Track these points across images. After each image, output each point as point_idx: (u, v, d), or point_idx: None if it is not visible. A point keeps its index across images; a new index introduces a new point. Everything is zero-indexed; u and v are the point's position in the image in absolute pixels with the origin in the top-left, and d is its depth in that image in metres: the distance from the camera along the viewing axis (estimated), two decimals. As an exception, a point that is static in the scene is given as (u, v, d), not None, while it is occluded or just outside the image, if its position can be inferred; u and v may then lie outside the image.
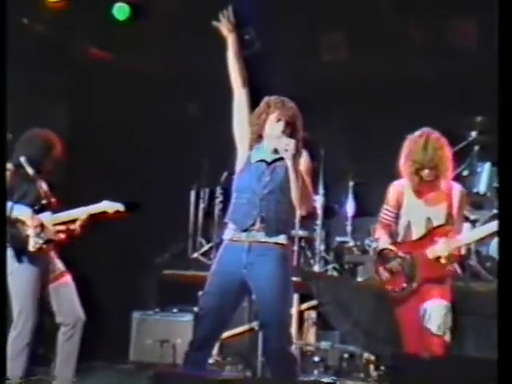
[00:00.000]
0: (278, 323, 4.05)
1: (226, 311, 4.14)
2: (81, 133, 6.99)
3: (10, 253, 4.68)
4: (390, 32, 7.16)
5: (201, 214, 7.46)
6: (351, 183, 7.25)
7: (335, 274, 6.81)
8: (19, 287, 4.69)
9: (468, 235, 4.71)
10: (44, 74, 6.81)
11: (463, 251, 4.62)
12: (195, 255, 7.21)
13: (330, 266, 6.89)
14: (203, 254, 7.17)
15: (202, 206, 7.46)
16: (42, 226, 4.71)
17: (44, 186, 4.88)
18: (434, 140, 4.49)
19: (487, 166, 6.51)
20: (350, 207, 7.21)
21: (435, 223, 4.48)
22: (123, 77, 7.23)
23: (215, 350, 6.06)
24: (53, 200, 4.88)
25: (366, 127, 7.54)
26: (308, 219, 6.78)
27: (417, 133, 4.60)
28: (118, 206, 4.86)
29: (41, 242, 4.71)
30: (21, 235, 4.69)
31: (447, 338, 4.31)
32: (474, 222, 6.15)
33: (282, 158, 4.12)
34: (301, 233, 6.82)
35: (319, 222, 6.99)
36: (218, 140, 5.54)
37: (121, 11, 7.06)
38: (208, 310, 4.11)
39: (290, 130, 4.14)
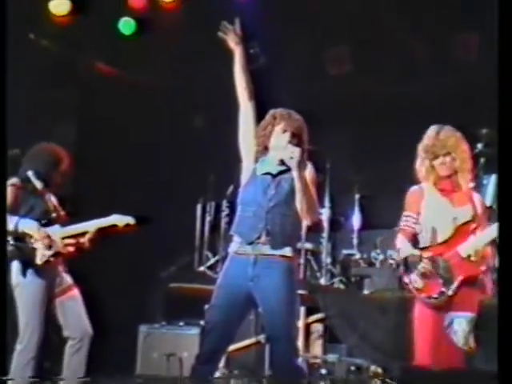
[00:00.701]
0: (284, 336, 4.04)
1: (232, 324, 4.13)
2: (86, 147, 7.02)
3: (16, 266, 4.68)
4: (393, 46, 7.20)
5: (207, 227, 7.46)
6: (357, 196, 7.24)
7: (342, 286, 6.79)
8: (26, 300, 4.68)
9: (495, 227, 4.30)
10: (49, 88, 6.85)
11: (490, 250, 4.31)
12: (201, 268, 7.20)
13: (336, 279, 6.87)
14: (209, 268, 7.17)
15: (208, 219, 7.46)
16: (49, 238, 4.70)
17: (53, 200, 4.90)
18: (447, 129, 4.47)
19: (493, 178, 6.50)
20: (356, 220, 7.20)
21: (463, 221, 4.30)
22: (129, 91, 7.27)
23: (222, 363, 6.06)
24: (62, 213, 4.90)
25: (371, 140, 7.54)
26: (314, 232, 6.82)
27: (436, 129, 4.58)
28: (129, 220, 4.85)
29: (48, 254, 4.70)
30: (28, 248, 4.68)
31: (469, 350, 4.18)
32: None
33: (287, 171, 4.13)
34: (307, 245, 6.83)
35: (325, 234, 6.99)
36: (223, 153, 5.55)
37: (126, 26, 7.12)
38: (214, 323, 4.11)
39: (296, 140, 4.15)
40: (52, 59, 6.92)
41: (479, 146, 6.66)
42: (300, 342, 5.92)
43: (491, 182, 6.49)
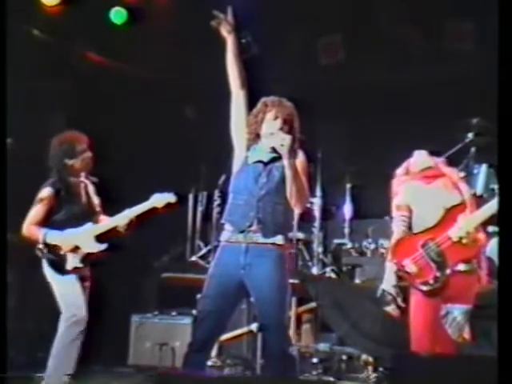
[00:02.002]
0: (276, 325, 4.06)
1: (224, 313, 4.14)
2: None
3: (47, 268, 4.80)
4: (386, 35, 7.20)
5: (199, 217, 7.47)
6: (348, 185, 7.27)
7: (333, 276, 6.82)
8: (66, 297, 4.79)
9: (485, 209, 4.33)
10: (41, 78, 6.82)
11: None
12: (194, 258, 7.21)
13: (328, 269, 6.90)
14: (202, 257, 7.18)
15: (200, 209, 7.48)
16: (76, 248, 4.81)
17: (89, 191, 4.96)
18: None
19: (484, 167, 6.52)
20: (347, 209, 7.23)
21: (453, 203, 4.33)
22: (120, 81, 7.25)
23: (214, 353, 6.08)
24: (97, 208, 4.97)
25: (362, 130, 7.57)
26: (305, 221, 6.84)
27: None
28: (170, 198, 4.90)
29: (77, 261, 4.82)
30: (58, 256, 4.80)
31: (463, 341, 4.22)
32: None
33: (278, 158, 4.13)
34: (299, 235, 6.85)
35: (317, 224, 7.01)
36: (215, 143, 5.55)
37: (118, 15, 7.08)
38: (207, 312, 4.12)
39: (288, 127, 4.16)
40: (42, 49, 6.89)
41: (470, 135, 6.69)
42: (292, 331, 5.96)
43: (482, 171, 6.52)
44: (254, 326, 5.72)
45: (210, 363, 5.79)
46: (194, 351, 4.11)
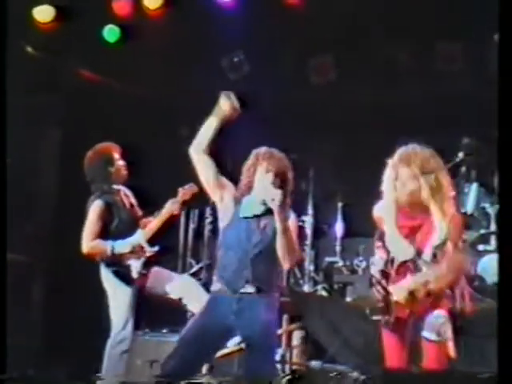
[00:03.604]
0: (264, 356, 4.13)
1: (198, 359, 4.25)
2: (70, 154, 7.00)
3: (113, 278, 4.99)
4: (376, 56, 7.26)
5: (191, 234, 7.47)
6: (340, 204, 7.29)
7: (325, 294, 6.83)
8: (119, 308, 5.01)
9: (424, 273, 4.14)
10: (33, 94, 6.84)
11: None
12: (185, 276, 7.20)
13: (319, 286, 6.91)
14: (193, 275, 7.17)
15: (191, 226, 7.48)
16: (142, 250, 4.98)
17: (129, 196, 5.11)
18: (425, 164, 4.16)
19: (474, 186, 6.57)
20: (338, 228, 7.25)
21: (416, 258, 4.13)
22: (113, 98, 7.27)
23: (204, 371, 6.06)
24: (139, 212, 5.12)
25: (354, 149, 7.60)
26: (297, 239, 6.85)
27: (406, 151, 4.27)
28: (194, 189, 5.08)
29: (139, 267, 4.99)
30: (124, 266, 4.97)
31: (446, 346, 4.09)
32: (461, 243, 6.20)
33: (271, 211, 4.09)
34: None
35: (308, 242, 7.03)
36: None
37: (111, 33, 7.11)
38: (180, 356, 4.15)
39: (280, 181, 4.15)
40: (36, 65, 6.91)
41: (460, 154, 6.74)
42: (282, 349, 5.95)
43: (472, 190, 6.56)
44: (244, 344, 5.70)
45: (200, 380, 5.76)
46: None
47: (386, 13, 6.92)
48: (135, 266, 4.96)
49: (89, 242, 4.90)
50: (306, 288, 6.85)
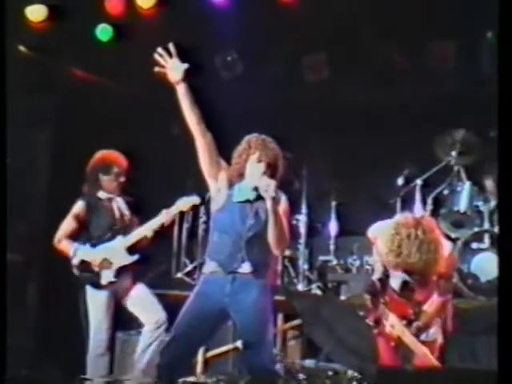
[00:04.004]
0: (260, 344, 4.09)
1: (195, 342, 4.23)
2: (63, 154, 6.99)
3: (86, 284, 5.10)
4: (370, 54, 7.25)
5: (185, 233, 7.47)
6: (334, 203, 7.30)
7: (319, 292, 6.83)
8: (95, 309, 5.09)
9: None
10: (26, 94, 6.81)
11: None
12: (179, 275, 7.20)
13: (313, 285, 6.91)
14: (187, 274, 7.17)
15: (185, 226, 7.47)
16: (107, 261, 5.03)
17: (120, 207, 5.18)
18: (430, 241, 3.82)
19: (467, 185, 6.59)
20: (332, 226, 7.26)
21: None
22: (106, 97, 7.25)
23: (199, 369, 6.06)
24: (127, 220, 5.17)
25: (348, 147, 7.61)
26: (291, 238, 6.84)
27: (409, 221, 3.90)
28: (194, 201, 5.11)
29: (110, 275, 5.05)
30: (93, 271, 5.05)
31: (437, 346, 4.14)
32: (454, 241, 6.23)
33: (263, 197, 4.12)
34: (284, 252, 6.86)
35: (302, 241, 7.03)
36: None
37: (104, 32, 7.09)
38: (177, 340, 4.13)
39: (271, 170, 4.18)
40: (28, 65, 6.88)
41: (453, 153, 6.76)
42: (277, 348, 5.95)
43: (465, 188, 6.58)
44: (239, 343, 5.70)
45: (194, 379, 5.76)
46: (161, 376, 4.11)
47: (380, 11, 6.93)
48: (105, 273, 5.04)
49: (59, 238, 5.06)
50: (301, 287, 6.85)
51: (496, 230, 6.18)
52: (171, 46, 4.22)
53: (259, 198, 4.17)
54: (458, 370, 3.76)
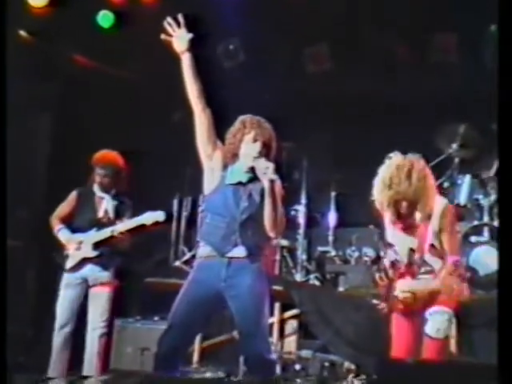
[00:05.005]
0: (256, 331, 4.06)
1: (193, 327, 4.17)
2: (64, 141, 6.98)
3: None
4: (372, 46, 7.24)
5: (183, 222, 7.46)
6: (333, 193, 7.29)
7: (317, 283, 6.83)
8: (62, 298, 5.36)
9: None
10: (27, 80, 6.79)
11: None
12: (177, 263, 7.20)
13: (311, 276, 6.92)
14: (185, 263, 7.16)
15: (184, 214, 7.47)
16: (79, 245, 5.34)
17: (108, 207, 5.42)
18: (418, 170, 4.05)
19: (467, 178, 6.58)
20: (331, 217, 7.25)
21: (417, 253, 4.12)
22: (107, 84, 7.23)
23: (196, 358, 6.07)
24: (107, 219, 5.40)
25: (348, 138, 7.59)
26: (290, 229, 6.84)
27: (399, 157, 4.17)
28: (158, 217, 5.25)
29: (72, 262, 5.33)
30: (62, 254, 5.38)
31: (448, 343, 4.14)
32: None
33: (256, 178, 4.10)
34: (283, 242, 6.86)
35: (301, 231, 7.02)
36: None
37: (105, 19, 7.07)
38: (176, 325, 4.08)
39: (266, 150, 4.14)
40: (29, 51, 6.86)
41: (454, 146, 6.74)
42: (274, 338, 5.96)
43: (465, 181, 6.57)
44: (236, 333, 5.71)
45: (191, 369, 5.78)
46: (159, 365, 4.08)
47: (382, 3, 6.91)
48: (71, 258, 5.35)
49: (53, 216, 5.47)
50: (299, 277, 6.85)
51: (496, 223, 6.18)
52: (180, 17, 4.23)
53: (252, 179, 4.15)
54: (457, 364, 3.75)
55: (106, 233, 5.31)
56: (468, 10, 6.58)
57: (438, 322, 4.07)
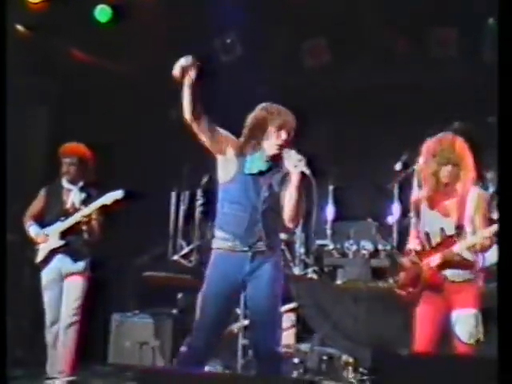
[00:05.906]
0: (270, 324, 4.05)
1: (223, 320, 4.14)
2: (61, 135, 6.97)
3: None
4: (371, 39, 7.23)
5: (181, 216, 7.47)
6: (331, 187, 7.29)
7: (315, 276, 6.83)
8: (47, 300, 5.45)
9: (460, 244, 4.31)
10: (24, 75, 6.79)
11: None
12: (175, 257, 7.20)
13: (309, 269, 6.91)
14: (183, 257, 7.17)
15: (182, 208, 7.47)
16: (47, 238, 5.39)
17: (75, 198, 5.44)
18: (461, 141, 4.38)
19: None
20: (329, 211, 7.26)
21: (448, 233, 4.27)
22: (104, 78, 7.23)
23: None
24: (77, 208, 5.40)
25: (346, 132, 7.60)
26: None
27: (442, 134, 4.47)
28: (116, 195, 5.24)
29: (42, 255, 5.40)
30: (34, 249, 5.46)
31: (477, 345, 4.16)
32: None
33: (275, 166, 4.06)
34: (281, 236, 6.85)
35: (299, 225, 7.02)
36: (198, 143, 5.56)
37: (103, 13, 7.07)
38: (207, 319, 4.05)
39: (289, 140, 4.09)
40: (27, 45, 6.86)
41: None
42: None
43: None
44: (235, 326, 5.72)
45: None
46: (193, 362, 4.03)
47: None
48: (41, 251, 5.41)
49: (26, 215, 5.53)
50: (297, 271, 6.86)
51: (494, 216, 6.17)
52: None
53: (271, 168, 4.09)
54: (456, 357, 3.76)
55: (70, 221, 5.35)
56: (467, 3, 6.57)
57: (468, 327, 4.15)
